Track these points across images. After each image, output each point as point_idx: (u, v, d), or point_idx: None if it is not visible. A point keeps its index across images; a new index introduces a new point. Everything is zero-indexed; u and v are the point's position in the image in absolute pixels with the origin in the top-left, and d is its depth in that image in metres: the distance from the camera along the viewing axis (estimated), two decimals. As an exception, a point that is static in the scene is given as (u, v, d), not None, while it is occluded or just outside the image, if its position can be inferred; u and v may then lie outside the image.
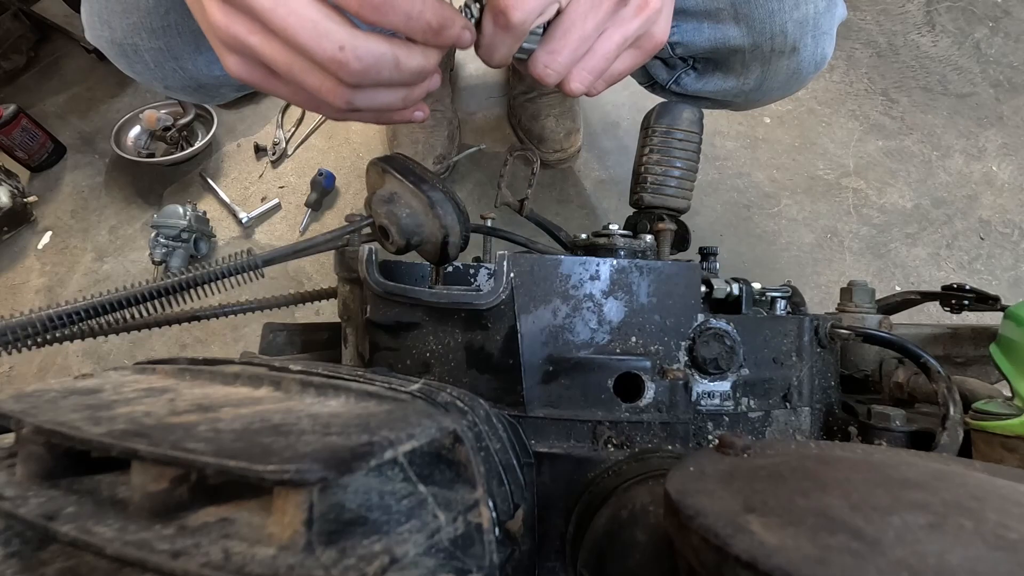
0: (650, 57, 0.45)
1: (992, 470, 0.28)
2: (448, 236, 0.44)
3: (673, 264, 0.46)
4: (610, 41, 0.41)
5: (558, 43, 0.40)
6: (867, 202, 1.29)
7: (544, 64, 0.41)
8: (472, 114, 1.40)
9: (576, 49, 0.40)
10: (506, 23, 0.37)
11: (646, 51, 0.44)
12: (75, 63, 1.56)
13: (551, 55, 0.40)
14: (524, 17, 0.37)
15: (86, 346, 1.22)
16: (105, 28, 0.60)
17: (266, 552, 0.19)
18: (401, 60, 0.37)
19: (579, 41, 0.40)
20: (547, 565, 0.41)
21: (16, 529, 0.23)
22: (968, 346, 0.65)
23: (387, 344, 0.46)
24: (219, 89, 0.67)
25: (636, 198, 0.61)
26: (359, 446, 0.21)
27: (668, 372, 0.44)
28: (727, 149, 1.34)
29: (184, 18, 0.57)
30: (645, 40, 0.43)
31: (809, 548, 0.18)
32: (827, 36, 0.64)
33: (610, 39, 0.41)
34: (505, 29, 0.37)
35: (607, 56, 0.42)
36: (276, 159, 1.38)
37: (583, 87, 0.43)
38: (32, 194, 1.37)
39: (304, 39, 0.35)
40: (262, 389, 0.29)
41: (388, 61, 0.37)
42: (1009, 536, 0.19)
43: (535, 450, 0.41)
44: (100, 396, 0.27)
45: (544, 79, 0.41)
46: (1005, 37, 1.44)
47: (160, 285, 0.40)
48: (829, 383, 0.52)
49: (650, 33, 0.43)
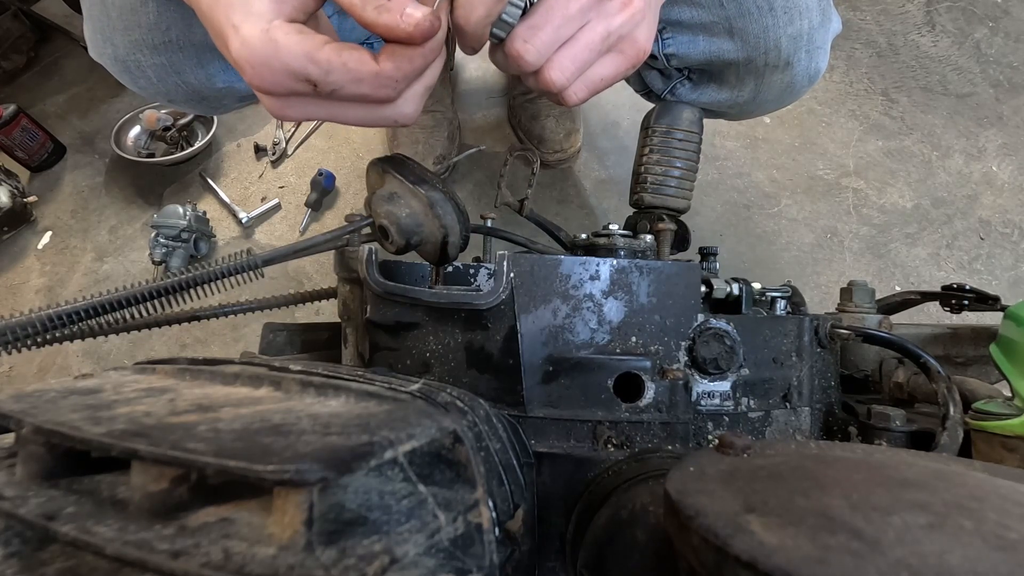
0: (634, 67, 0.44)
1: (992, 470, 0.28)
2: (448, 236, 0.44)
3: (673, 264, 0.46)
4: (593, 32, 0.40)
5: (540, 18, 0.38)
6: (867, 202, 1.29)
7: (524, 39, 0.39)
8: (472, 115, 1.40)
9: (559, 28, 0.39)
10: None
11: (629, 58, 0.43)
12: (75, 63, 1.56)
13: (531, 29, 0.39)
14: None
15: (86, 346, 1.22)
16: (108, 45, 0.60)
17: (266, 552, 0.19)
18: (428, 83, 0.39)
19: (562, 19, 0.39)
20: (547, 565, 0.41)
21: (16, 529, 0.23)
22: (968, 346, 0.65)
23: (387, 344, 0.46)
24: (222, 100, 0.68)
25: (636, 198, 0.61)
26: (359, 446, 0.21)
27: (668, 372, 0.44)
28: (727, 149, 1.34)
29: (186, 34, 0.57)
30: (628, 44, 0.42)
31: (809, 548, 0.18)
32: (821, 51, 0.64)
33: (593, 30, 0.40)
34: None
35: (590, 46, 0.40)
36: (276, 159, 1.38)
37: (563, 78, 0.41)
38: (32, 194, 1.37)
39: (362, 122, 0.39)
40: (262, 389, 0.29)
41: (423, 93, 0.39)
42: (1009, 536, 0.19)
43: (535, 450, 0.41)
44: (100, 396, 0.27)
45: (523, 57, 0.39)
46: (1005, 37, 1.44)
47: (160, 285, 0.40)
48: (829, 383, 0.52)
49: (633, 37, 0.42)
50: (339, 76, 0.35)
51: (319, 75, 0.35)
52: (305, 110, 0.38)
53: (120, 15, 0.58)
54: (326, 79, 0.35)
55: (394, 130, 1.29)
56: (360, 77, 0.35)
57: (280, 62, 0.34)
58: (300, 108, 0.38)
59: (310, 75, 0.35)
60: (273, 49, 0.34)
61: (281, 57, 0.34)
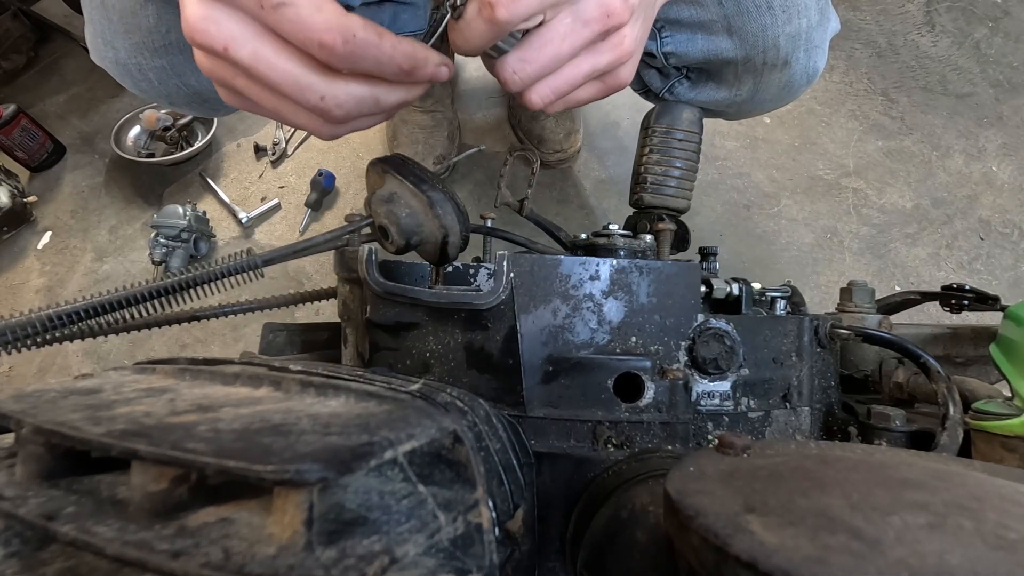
0: (610, 95, 0.46)
1: (992, 470, 0.28)
2: (448, 236, 0.44)
3: (673, 264, 0.46)
4: (578, 69, 0.41)
5: (532, 53, 0.40)
6: (867, 202, 1.29)
7: (512, 70, 0.40)
8: (472, 115, 1.40)
9: (547, 65, 0.40)
10: (491, 16, 0.36)
11: (608, 87, 0.45)
12: (75, 63, 1.56)
13: (522, 63, 0.40)
14: (510, 17, 0.36)
15: (86, 346, 1.22)
16: (109, 49, 0.61)
17: (266, 552, 0.19)
18: (381, 99, 0.38)
19: (552, 58, 0.40)
20: (547, 565, 0.41)
21: (16, 529, 0.23)
22: (968, 346, 0.65)
23: (387, 344, 0.46)
24: (222, 103, 0.68)
25: (636, 198, 0.61)
26: (359, 446, 0.21)
27: (668, 372, 0.44)
28: (727, 149, 1.34)
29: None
30: (611, 78, 0.44)
31: (809, 548, 0.18)
32: (819, 50, 0.65)
33: (579, 66, 0.41)
34: (488, 22, 0.37)
35: (572, 81, 0.42)
36: (276, 159, 1.38)
37: (541, 102, 0.43)
38: (32, 194, 1.37)
39: (285, 91, 0.36)
40: (262, 389, 0.29)
41: (368, 103, 0.38)
42: (1009, 536, 0.19)
43: (535, 450, 0.41)
44: (100, 396, 0.27)
45: (508, 83, 0.41)
46: (1005, 37, 1.44)
47: (160, 285, 0.40)
48: (829, 383, 0.52)
49: (616, 73, 0.44)
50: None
51: None
52: (234, 32, 0.35)
53: (121, 19, 0.58)
54: None
55: (394, 130, 1.29)
56: (322, 4, 0.33)
57: None
58: (228, 26, 0.35)
59: None
60: None
61: None
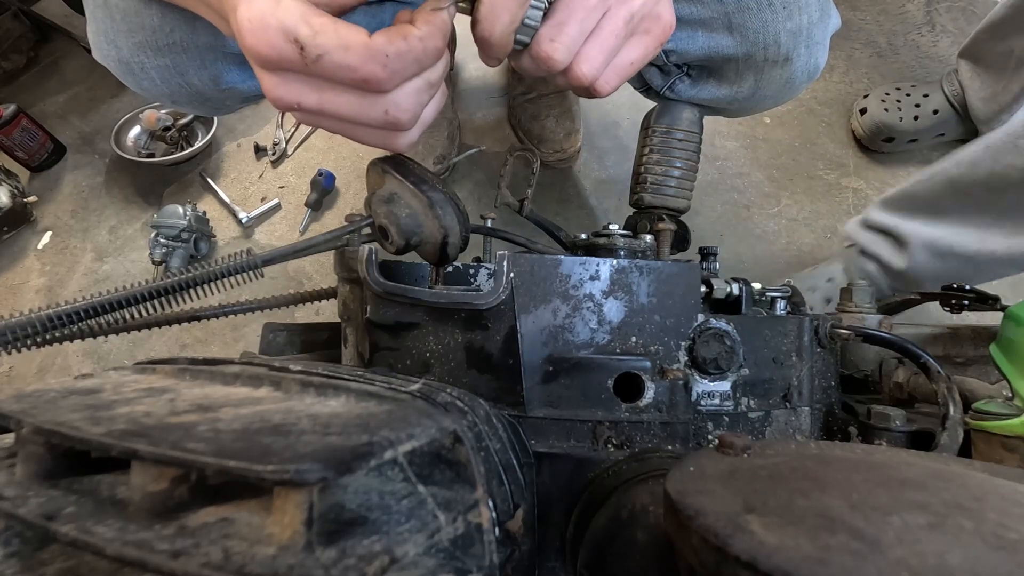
0: (662, 44, 0.44)
1: (992, 470, 0.28)
2: (448, 236, 0.44)
3: (673, 264, 0.46)
4: (616, 18, 0.40)
5: (563, 15, 0.39)
6: (867, 202, 1.29)
7: (550, 38, 0.39)
8: (472, 115, 1.40)
9: (583, 21, 0.39)
10: None
11: (656, 36, 0.43)
12: (75, 63, 1.56)
13: (557, 27, 0.39)
14: None
15: (86, 346, 1.22)
16: (111, 48, 0.60)
17: (266, 552, 0.19)
18: (430, 80, 0.39)
19: (584, 12, 0.39)
20: (547, 565, 0.41)
21: (16, 529, 0.23)
22: (968, 346, 0.65)
23: (387, 344, 0.46)
24: (225, 101, 0.68)
25: (636, 198, 0.61)
26: (359, 446, 0.21)
27: (668, 372, 0.44)
28: (727, 149, 1.34)
29: (189, 35, 0.58)
30: (652, 22, 0.42)
31: (809, 548, 0.18)
32: (820, 46, 0.64)
33: (616, 15, 0.40)
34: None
35: (615, 32, 0.40)
36: (276, 159, 1.38)
37: (593, 70, 0.41)
38: (32, 194, 1.37)
39: (356, 120, 0.38)
40: (262, 389, 0.29)
41: (423, 91, 0.39)
42: (1009, 536, 0.19)
43: (535, 450, 0.41)
44: (100, 396, 0.27)
45: (552, 56, 0.39)
46: (1005, 37, 1.44)
47: (160, 285, 0.40)
48: (829, 383, 0.52)
49: (656, 14, 0.42)
50: (327, 40, 0.34)
51: (307, 35, 0.34)
52: (299, 91, 0.38)
53: (124, 18, 0.58)
54: (313, 40, 0.34)
55: (394, 130, 1.29)
56: (348, 43, 0.34)
57: (276, 18, 0.34)
58: (294, 88, 0.37)
59: (299, 35, 0.34)
60: (273, 6, 0.34)
61: (278, 14, 0.34)
